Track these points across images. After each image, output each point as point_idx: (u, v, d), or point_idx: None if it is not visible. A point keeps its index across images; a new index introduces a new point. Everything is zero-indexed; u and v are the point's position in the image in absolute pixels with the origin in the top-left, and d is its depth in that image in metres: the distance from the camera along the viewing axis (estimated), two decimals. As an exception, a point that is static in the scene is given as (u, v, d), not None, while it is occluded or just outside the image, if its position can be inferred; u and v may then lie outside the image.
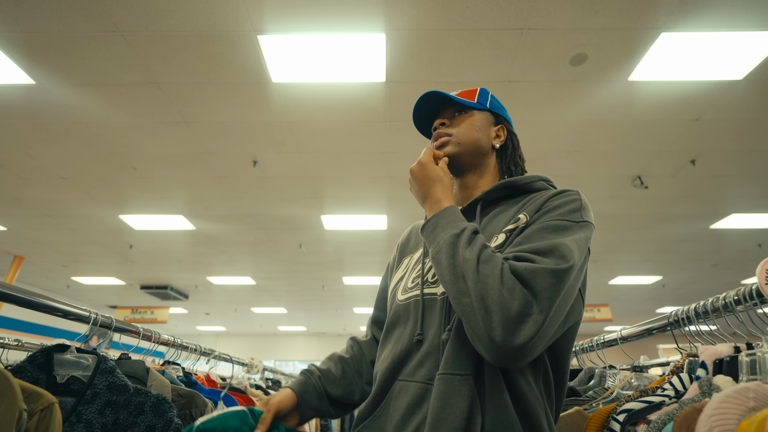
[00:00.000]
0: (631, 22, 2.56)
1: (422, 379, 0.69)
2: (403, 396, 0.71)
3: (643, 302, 9.94)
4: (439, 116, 0.94)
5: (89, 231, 5.76)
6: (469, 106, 0.91)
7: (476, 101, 0.92)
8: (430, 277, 0.80)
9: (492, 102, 0.95)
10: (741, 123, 3.49)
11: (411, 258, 0.92)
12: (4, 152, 3.86)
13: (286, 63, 2.85)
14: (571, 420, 1.05)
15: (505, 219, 0.78)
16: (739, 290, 0.85)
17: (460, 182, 0.91)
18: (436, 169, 0.82)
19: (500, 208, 0.82)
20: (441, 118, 0.92)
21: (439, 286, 0.77)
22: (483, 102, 0.93)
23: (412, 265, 0.89)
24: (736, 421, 0.52)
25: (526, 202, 0.78)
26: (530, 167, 4.11)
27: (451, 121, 0.91)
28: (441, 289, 0.76)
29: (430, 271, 0.81)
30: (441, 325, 0.72)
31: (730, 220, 5.33)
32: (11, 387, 0.71)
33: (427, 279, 0.81)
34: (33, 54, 2.76)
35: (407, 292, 0.83)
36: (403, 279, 0.88)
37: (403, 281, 0.88)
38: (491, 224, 0.80)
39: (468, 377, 0.64)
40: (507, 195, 0.84)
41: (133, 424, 0.94)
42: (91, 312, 1.16)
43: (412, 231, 1.02)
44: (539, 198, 0.76)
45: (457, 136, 0.88)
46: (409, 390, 0.70)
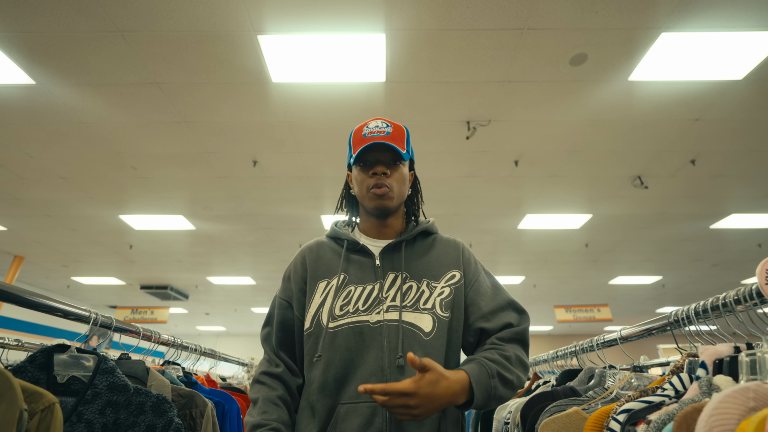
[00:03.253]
0: (631, 22, 2.56)
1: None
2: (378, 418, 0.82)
3: (643, 302, 9.95)
4: (381, 160, 0.96)
5: (89, 231, 5.76)
6: (403, 159, 0.99)
7: (406, 149, 0.99)
8: (407, 302, 0.92)
9: (408, 146, 1.03)
10: (741, 123, 3.49)
11: (329, 283, 0.95)
12: (4, 152, 3.86)
13: (286, 63, 2.85)
14: (570, 420, 1.05)
15: (434, 264, 0.98)
16: (739, 290, 0.85)
17: (381, 222, 1.02)
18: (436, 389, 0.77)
19: (419, 249, 1.01)
20: (383, 165, 0.96)
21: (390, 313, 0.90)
22: (408, 149, 1.01)
23: (336, 291, 0.93)
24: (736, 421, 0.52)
25: (441, 251, 1.01)
26: (530, 167, 4.09)
27: (390, 170, 0.96)
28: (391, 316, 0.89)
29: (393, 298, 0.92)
30: (421, 348, 0.87)
31: (730, 220, 5.33)
32: (12, 387, 0.71)
33: (395, 305, 0.90)
34: (33, 54, 2.76)
35: (353, 316, 0.89)
36: (327, 304, 0.92)
37: (327, 306, 0.92)
38: (421, 263, 0.97)
39: None
40: (419, 234, 1.03)
41: (134, 423, 0.94)
42: (91, 312, 1.16)
43: (318, 255, 1.01)
44: (453, 252, 1.01)
45: (394, 190, 0.96)
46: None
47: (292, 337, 0.97)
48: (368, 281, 0.94)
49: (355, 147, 0.98)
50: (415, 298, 0.92)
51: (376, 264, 0.96)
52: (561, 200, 4.90)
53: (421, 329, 0.89)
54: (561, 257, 6.84)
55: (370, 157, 0.96)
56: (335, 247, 1.01)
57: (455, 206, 5.11)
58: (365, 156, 0.96)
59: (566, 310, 7.87)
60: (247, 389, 1.92)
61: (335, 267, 0.97)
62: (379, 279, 0.94)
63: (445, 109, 3.38)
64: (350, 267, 0.96)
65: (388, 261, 0.97)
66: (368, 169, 0.96)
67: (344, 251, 0.98)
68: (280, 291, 1.02)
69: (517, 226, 5.65)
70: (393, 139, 0.95)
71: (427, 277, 0.95)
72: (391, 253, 0.98)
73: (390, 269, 0.96)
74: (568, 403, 1.17)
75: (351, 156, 1.00)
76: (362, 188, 0.97)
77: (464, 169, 4.28)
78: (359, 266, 0.96)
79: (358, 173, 0.98)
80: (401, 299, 0.91)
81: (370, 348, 0.86)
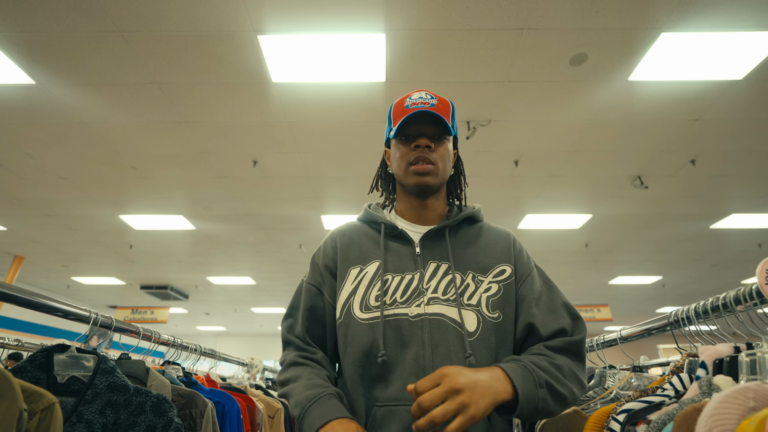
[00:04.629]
0: (631, 22, 2.56)
1: None
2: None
3: (643, 302, 9.95)
4: (424, 133, 0.88)
5: (89, 231, 5.76)
6: (449, 133, 0.90)
7: (451, 123, 0.90)
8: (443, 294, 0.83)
9: (454, 121, 0.95)
10: (741, 123, 3.49)
11: (362, 270, 0.86)
12: (4, 152, 3.86)
13: (286, 63, 2.85)
14: (569, 420, 1.05)
15: (481, 255, 0.88)
16: (739, 290, 0.85)
17: (421, 203, 0.93)
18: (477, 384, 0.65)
19: (464, 237, 0.92)
20: (426, 138, 0.87)
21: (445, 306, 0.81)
22: (453, 124, 0.93)
23: (371, 280, 0.84)
24: (736, 421, 0.52)
25: (490, 242, 0.91)
26: (530, 167, 4.09)
27: (434, 144, 0.88)
28: (449, 310, 0.81)
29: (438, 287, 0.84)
30: (463, 349, 0.77)
31: (730, 220, 5.33)
32: (12, 387, 0.71)
33: (438, 297, 0.82)
34: (33, 54, 2.76)
35: (390, 308, 0.80)
36: (359, 293, 0.83)
37: (359, 295, 0.83)
38: (467, 253, 0.88)
39: None
40: (464, 221, 0.95)
41: (134, 423, 0.94)
42: (91, 312, 1.16)
43: (350, 240, 0.92)
44: (504, 242, 0.91)
45: (438, 167, 0.88)
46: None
47: (322, 328, 0.89)
48: (407, 270, 0.85)
49: (395, 119, 0.90)
50: (460, 292, 0.82)
51: (416, 252, 0.87)
52: (561, 200, 4.90)
53: (466, 328, 0.78)
54: (561, 257, 6.84)
55: (413, 130, 0.88)
56: (369, 232, 0.93)
57: (455, 206, 5.11)
58: (407, 128, 0.88)
59: (566, 310, 7.86)
60: (247, 389, 1.92)
61: (369, 253, 0.88)
62: (419, 268, 0.85)
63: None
64: (387, 254, 0.87)
65: (429, 249, 0.88)
66: (410, 142, 0.88)
67: (382, 236, 0.89)
68: (308, 276, 0.93)
69: (517, 226, 5.65)
70: (438, 110, 0.87)
71: (473, 269, 0.85)
72: (432, 240, 0.89)
73: (431, 258, 0.86)
74: (568, 403, 1.17)
75: (390, 129, 0.92)
76: (402, 163, 0.89)
77: (464, 169, 4.28)
78: (397, 253, 0.87)
79: (398, 147, 0.90)
80: (444, 291, 0.82)
81: (409, 345, 0.77)
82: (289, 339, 0.89)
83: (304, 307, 0.89)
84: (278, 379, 0.85)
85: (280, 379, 0.84)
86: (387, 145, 0.99)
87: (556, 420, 1.06)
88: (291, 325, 0.90)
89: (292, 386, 0.78)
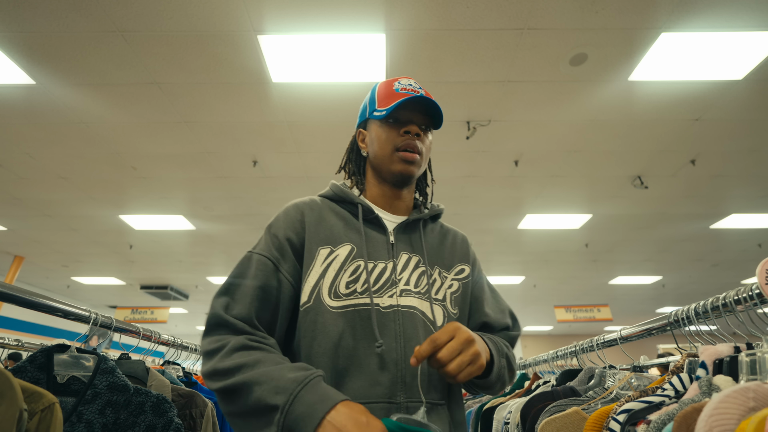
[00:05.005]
0: (631, 22, 2.56)
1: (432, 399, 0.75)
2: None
3: (643, 302, 9.95)
4: (414, 121, 0.86)
5: (89, 231, 5.76)
6: (436, 126, 0.90)
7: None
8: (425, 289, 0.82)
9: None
10: (741, 123, 3.49)
11: (333, 252, 0.79)
12: (4, 152, 3.86)
13: (286, 63, 2.85)
14: (569, 420, 1.05)
15: (447, 253, 0.91)
16: (739, 290, 0.85)
17: (395, 192, 0.90)
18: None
19: (431, 232, 0.93)
20: (417, 126, 0.85)
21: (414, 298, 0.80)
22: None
23: (342, 264, 0.78)
24: (736, 421, 0.52)
25: (451, 241, 0.94)
26: (530, 167, 4.08)
27: (423, 134, 0.87)
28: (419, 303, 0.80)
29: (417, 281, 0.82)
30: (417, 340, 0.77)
31: (730, 220, 5.33)
32: (11, 387, 0.71)
33: (420, 290, 0.81)
34: (33, 54, 2.76)
35: (361, 297, 0.75)
36: (328, 277, 0.77)
37: (328, 280, 0.76)
38: (435, 248, 0.89)
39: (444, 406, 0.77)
40: (431, 217, 0.95)
41: (134, 423, 0.94)
42: (91, 312, 1.16)
43: (320, 216, 0.84)
44: (461, 244, 0.95)
45: (422, 157, 0.87)
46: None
47: (272, 311, 0.75)
48: (380, 258, 0.81)
49: (385, 100, 0.85)
50: (429, 286, 0.82)
51: (389, 240, 0.84)
52: (561, 200, 4.90)
53: (434, 322, 0.79)
54: (561, 257, 6.84)
55: (403, 116, 0.85)
56: (340, 211, 0.86)
57: (455, 206, 5.11)
58: (398, 112, 0.85)
59: (566, 310, 7.87)
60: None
61: (341, 234, 0.82)
62: (392, 258, 0.82)
63: (445, 109, 3.38)
64: (361, 238, 0.82)
65: (402, 239, 0.86)
66: (399, 127, 0.85)
67: (360, 219, 0.84)
68: (262, 247, 0.79)
69: (517, 226, 5.65)
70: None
71: (440, 265, 0.87)
72: (404, 232, 0.87)
73: (403, 249, 0.84)
74: (568, 403, 1.17)
75: (374, 110, 0.87)
76: (386, 147, 0.85)
77: (464, 169, 4.28)
78: (371, 239, 0.83)
79: (385, 130, 0.85)
80: (415, 284, 0.81)
81: (381, 336, 0.73)
82: (225, 320, 0.70)
83: (255, 284, 0.74)
84: (218, 366, 0.64)
85: (224, 366, 0.64)
86: (362, 126, 0.93)
87: (555, 420, 1.06)
88: (228, 305, 0.72)
89: (257, 372, 0.62)
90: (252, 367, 0.63)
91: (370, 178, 0.93)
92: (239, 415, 0.62)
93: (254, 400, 0.59)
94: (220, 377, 0.64)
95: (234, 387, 0.62)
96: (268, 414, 0.58)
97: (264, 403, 0.58)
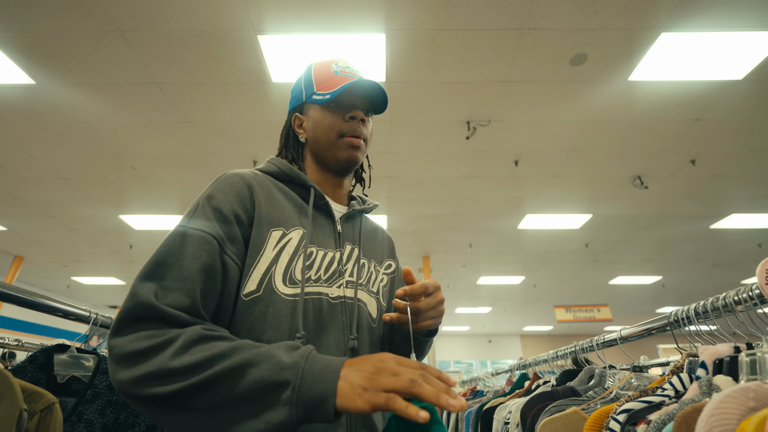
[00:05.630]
0: (631, 22, 2.56)
1: None
2: None
3: (643, 302, 9.95)
4: (357, 106, 0.83)
5: (89, 231, 5.76)
6: (378, 111, 0.88)
7: None
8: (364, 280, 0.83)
9: None
10: (741, 123, 3.49)
11: (285, 235, 0.72)
12: (4, 152, 3.86)
13: (286, 63, 2.86)
14: (569, 420, 1.05)
15: (378, 247, 0.91)
16: (739, 290, 0.85)
17: (337, 180, 0.86)
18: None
19: (366, 225, 0.91)
20: (363, 112, 0.83)
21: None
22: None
23: (296, 249, 0.72)
24: (736, 421, 0.52)
25: (381, 237, 0.94)
26: (530, 167, 4.07)
27: (367, 119, 0.84)
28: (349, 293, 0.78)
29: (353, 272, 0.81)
30: (371, 334, 0.79)
31: (730, 220, 5.33)
32: (11, 387, 0.71)
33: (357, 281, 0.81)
34: (33, 54, 2.76)
35: (315, 285, 0.71)
36: (282, 263, 0.69)
37: (282, 265, 0.69)
38: (371, 242, 0.89)
39: None
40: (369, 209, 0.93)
41: (134, 423, 0.94)
42: (91, 312, 1.16)
43: (270, 195, 0.75)
44: (389, 242, 0.97)
45: (367, 145, 0.85)
46: None
47: (214, 300, 0.63)
48: (329, 247, 0.78)
49: (326, 83, 0.82)
50: (367, 278, 0.82)
51: (337, 229, 0.81)
52: (561, 200, 4.90)
53: (370, 313, 0.79)
54: (561, 257, 6.84)
55: (346, 100, 0.82)
56: (288, 192, 0.79)
57: (455, 206, 5.11)
58: (340, 96, 0.81)
59: (566, 310, 7.87)
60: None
61: (291, 217, 0.75)
62: (339, 248, 0.80)
63: (445, 109, 3.38)
64: (312, 223, 0.77)
65: (346, 229, 0.84)
66: (344, 112, 0.81)
67: (311, 203, 0.78)
68: (202, 222, 0.66)
69: (517, 226, 5.65)
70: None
71: (375, 258, 0.87)
72: (347, 222, 0.85)
73: (347, 239, 0.82)
74: (567, 403, 1.17)
75: (314, 94, 0.83)
76: (330, 133, 0.80)
77: (464, 169, 4.28)
78: (321, 226, 0.79)
79: (327, 115, 0.81)
80: (357, 276, 0.79)
81: (329, 327, 0.70)
82: (158, 311, 0.56)
83: (197, 266, 0.61)
84: (171, 365, 0.51)
85: (184, 363, 0.51)
86: (298, 110, 0.88)
87: (555, 420, 1.06)
88: (159, 292, 0.57)
89: (246, 355, 0.52)
90: (231, 354, 0.52)
91: (309, 164, 0.86)
92: (223, 407, 0.51)
93: (250, 385, 0.50)
94: (179, 377, 0.51)
95: (211, 379, 0.51)
96: (272, 393, 0.50)
97: (266, 383, 0.50)
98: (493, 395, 2.10)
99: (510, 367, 2.32)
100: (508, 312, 10.91)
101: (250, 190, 0.72)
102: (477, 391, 2.58)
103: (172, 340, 0.54)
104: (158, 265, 0.60)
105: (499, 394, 2.05)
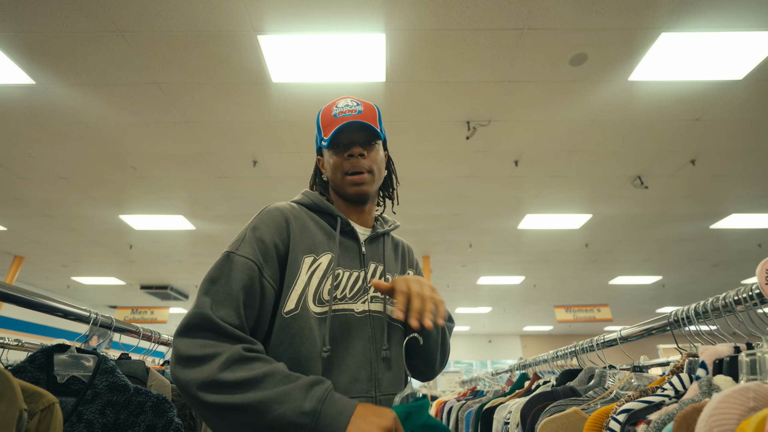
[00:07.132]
0: (631, 22, 2.56)
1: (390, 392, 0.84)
2: None
3: (643, 302, 9.95)
4: (355, 140, 0.90)
5: (89, 231, 5.76)
6: (379, 137, 0.94)
7: (379, 128, 0.93)
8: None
9: (381, 125, 0.96)
10: (741, 123, 3.49)
11: (316, 261, 0.84)
12: (4, 152, 3.86)
13: (286, 63, 2.85)
14: (569, 420, 1.05)
15: (400, 261, 1.03)
16: (739, 290, 0.85)
17: (359, 208, 0.97)
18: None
19: (389, 243, 1.02)
20: (359, 146, 0.90)
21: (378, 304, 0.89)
22: (381, 128, 0.95)
23: (325, 272, 0.83)
24: (736, 421, 0.52)
25: (402, 251, 1.06)
26: (530, 167, 4.08)
27: (366, 151, 0.91)
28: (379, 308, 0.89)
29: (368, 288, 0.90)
30: (388, 342, 0.87)
31: (730, 220, 5.33)
32: (11, 387, 0.71)
33: (377, 296, 0.89)
34: (33, 54, 2.76)
35: (340, 303, 0.82)
36: (313, 285, 0.81)
37: (313, 287, 0.81)
38: (393, 258, 1.00)
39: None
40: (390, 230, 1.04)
41: (134, 423, 0.94)
42: (91, 312, 1.16)
43: (303, 225, 0.87)
44: (408, 252, 1.08)
45: (373, 173, 0.92)
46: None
47: (256, 318, 0.76)
48: (354, 267, 0.89)
49: (326, 129, 0.91)
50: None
51: (361, 251, 0.92)
52: (561, 200, 4.90)
53: (398, 324, 0.90)
54: (561, 257, 6.84)
55: (344, 138, 0.89)
56: (319, 221, 0.91)
57: (455, 206, 5.11)
58: (338, 138, 0.89)
59: (566, 310, 7.87)
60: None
61: (322, 243, 0.87)
62: (363, 267, 0.91)
63: (445, 109, 3.38)
64: (339, 248, 0.89)
65: (370, 250, 0.95)
66: (343, 151, 0.90)
67: (338, 230, 0.90)
68: (245, 249, 0.78)
69: (517, 226, 5.65)
70: (366, 118, 0.90)
71: (397, 272, 0.99)
72: (372, 243, 0.96)
73: (371, 259, 0.93)
74: (567, 403, 1.17)
75: (322, 139, 0.93)
76: (337, 173, 0.91)
77: (464, 169, 4.28)
78: (347, 249, 0.91)
79: (332, 156, 0.91)
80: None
81: (356, 338, 0.81)
82: (213, 323, 0.68)
83: (239, 285, 0.73)
84: (219, 377, 0.63)
85: (228, 379, 0.62)
86: (319, 153, 1.00)
87: (555, 420, 1.06)
88: (213, 306, 0.70)
89: (272, 391, 0.63)
90: (261, 382, 0.64)
91: (334, 196, 0.99)
92: (251, 427, 0.62)
93: (274, 419, 0.61)
94: (222, 391, 0.62)
95: (243, 405, 0.62)
96: (291, 431, 0.61)
97: (287, 421, 0.61)
98: (493, 395, 2.10)
99: (510, 367, 2.32)
100: (508, 312, 10.91)
101: (287, 222, 0.85)
102: (477, 391, 2.58)
103: (218, 353, 0.66)
104: (212, 282, 0.74)
105: (499, 394, 2.05)
